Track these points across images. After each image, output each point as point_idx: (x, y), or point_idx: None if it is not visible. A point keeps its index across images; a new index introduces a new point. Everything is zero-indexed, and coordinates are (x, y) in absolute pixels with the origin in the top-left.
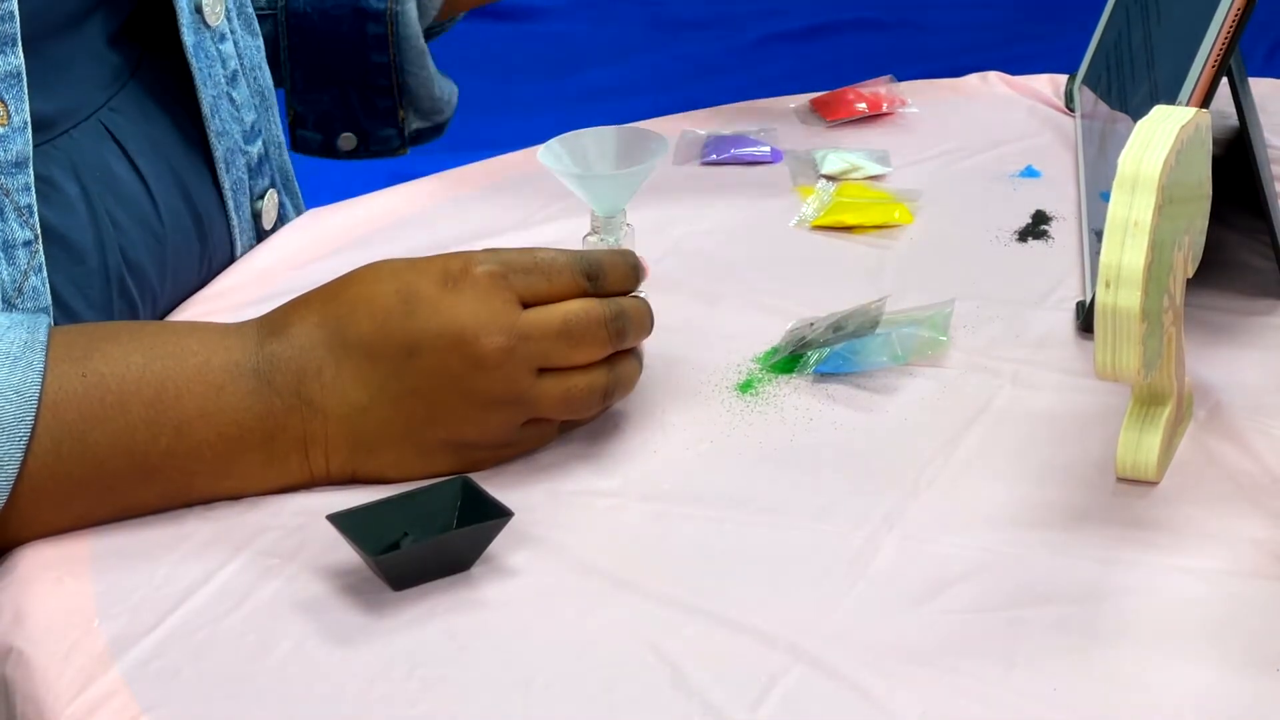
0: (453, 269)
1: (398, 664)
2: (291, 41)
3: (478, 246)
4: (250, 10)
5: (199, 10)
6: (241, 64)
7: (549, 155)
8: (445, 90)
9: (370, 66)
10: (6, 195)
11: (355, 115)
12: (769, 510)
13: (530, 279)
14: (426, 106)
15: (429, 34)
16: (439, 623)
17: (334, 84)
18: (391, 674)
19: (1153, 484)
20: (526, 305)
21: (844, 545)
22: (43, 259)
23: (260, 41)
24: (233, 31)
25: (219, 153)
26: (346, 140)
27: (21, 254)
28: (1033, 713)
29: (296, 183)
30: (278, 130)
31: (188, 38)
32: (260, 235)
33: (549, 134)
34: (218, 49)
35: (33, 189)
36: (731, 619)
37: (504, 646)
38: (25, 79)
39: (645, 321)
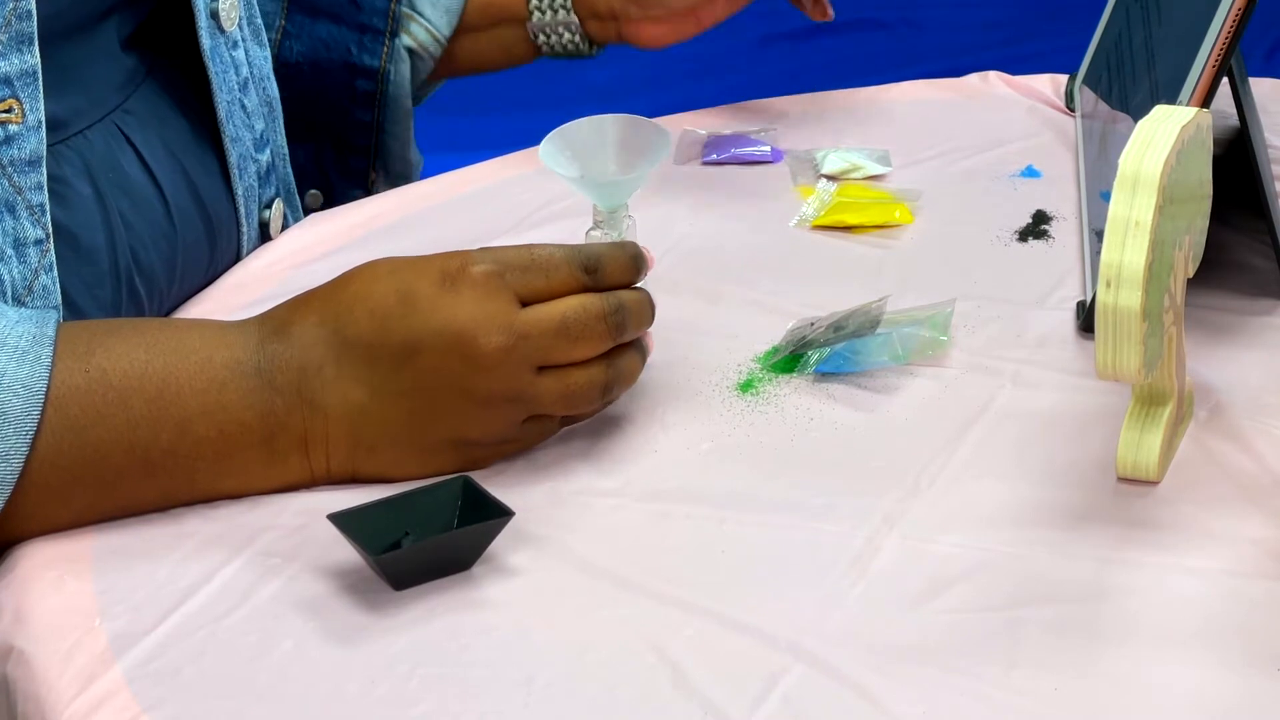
0: (450, 268)
1: (398, 664)
2: (280, 93)
3: (477, 246)
4: (259, 21)
5: (215, 15)
6: (251, 73)
7: (549, 154)
8: (417, 157)
9: (351, 124)
10: (19, 193)
11: (327, 173)
12: (769, 510)
13: (528, 276)
14: (398, 170)
15: (415, 97)
16: (440, 622)
17: (311, 139)
18: (392, 674)
19: (1153, 484)
20: (525, 303)
21: (844, 545)
22: (54, 258)
23: (268, 53)
24: (244, 40)
25: (233, 158)
26: (313, 198)
27: (32, 252)
28: (1033, 713)
29: (298, 198)
30: (282, 142)
31: (205, 41)
32: (266, 243)
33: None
34: (231, 55)
35: (45, 188)
36: (731, 619)
37: (504, 646)
38: (41, 78)
39: (645, 313)
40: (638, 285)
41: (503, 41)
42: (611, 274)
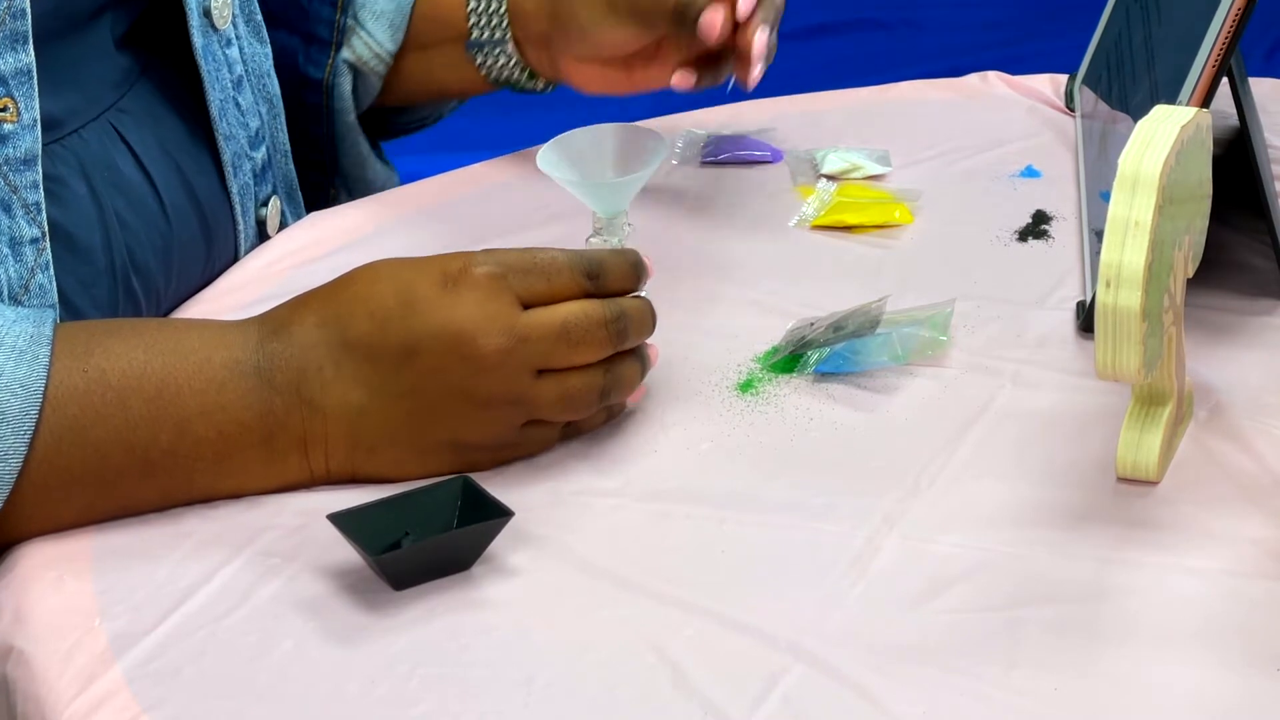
0: (451, 270)
1: (398, 664)
2: None
3: (478, 248)
4: (259, 18)
5: (207, 13)
6: (247, 70)
7: (547, 161)
8: (381, 175)
9: (305, 137)
10: (14, 192)
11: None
12: (769, 510)
13: (529, 279)
14: (359, 190)
15: (410, 126)
16: (439, 622)
17: None
18: (392, 674)
19: (1153, 484)
20: (526, 306)
21: (844, 545)
22: (49, 257)
23: (269, 49)
24: (239, 37)
25: (226, 156)
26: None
27: (28, 251)
28: (1033, 713)
29: (300, 194)
30: (284, 138)
31: (196, 40)
32: (264, 241)
33: (549, 134)
34: (224, 53)
35: (40, 187)
36: (731, 619)
37: (504, 646)
38: (36, 77)
39: (647, 321)
40: (640, 294)
41: (449, 62)
42: (613, 280)
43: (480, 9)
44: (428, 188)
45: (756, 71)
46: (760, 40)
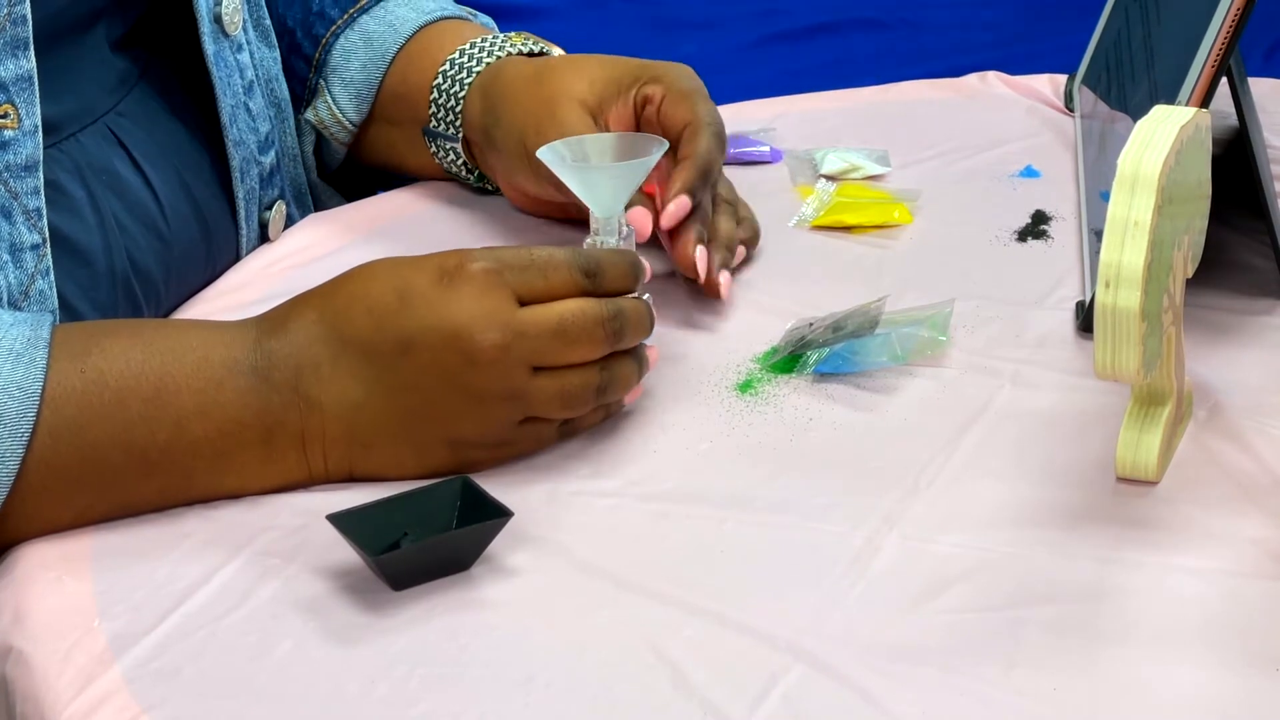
0: (448, 266)
1: (398, 664)
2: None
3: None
4: (267, 22)
5: (218, 19)
6: (257, 74)
7: (549, 152)
8: None
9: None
10: (15, 199)
11: (297, 192)
12: (769, 510)
13: (526, 276)
14: None
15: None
16: (439, 622)
17: None
18: (392, 674)
19: (1152, 484)
20: (523, 302)
21: (844, 545)
22: (50, 263)
23: (277, 54)
24: (249, 42)
25: (235, 161)
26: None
27: (29, 257)
28: (1033, 713)
29: (309, 196)
30: (292, 142)
31: (208, 46)
32: (265, 244)
33: None
34: (235, 58)
35: (41, 193)
36: (731, 619)
37: (504, 646)
38: (36, 83)
39: (644, 322)
40: (638, 295)
41: (410, 141)
42: (611, 279)
43: (440, 100)
44: (428, 188)
45: (723, 288)
46: (702, 258)
